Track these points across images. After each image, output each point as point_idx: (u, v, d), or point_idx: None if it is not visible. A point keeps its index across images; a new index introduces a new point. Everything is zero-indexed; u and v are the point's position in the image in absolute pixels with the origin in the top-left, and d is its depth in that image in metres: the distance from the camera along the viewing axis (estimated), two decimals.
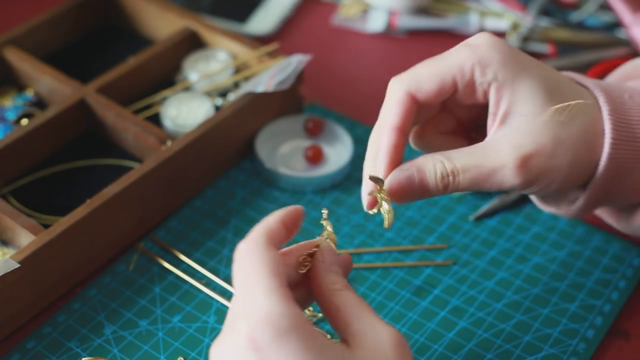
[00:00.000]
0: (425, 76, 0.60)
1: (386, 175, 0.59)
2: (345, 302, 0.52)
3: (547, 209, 0.68)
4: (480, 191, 0.71)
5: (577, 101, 0.60)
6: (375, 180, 0.59)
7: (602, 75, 0.85)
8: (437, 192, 0.59)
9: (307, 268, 0.56)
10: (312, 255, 0.56)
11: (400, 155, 0.60)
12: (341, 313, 0.52)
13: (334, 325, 0.53)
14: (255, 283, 0.49)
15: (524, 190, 0.61)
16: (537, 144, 0.58)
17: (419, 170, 0.59)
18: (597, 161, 0.61)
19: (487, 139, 0.60)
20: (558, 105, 0.59)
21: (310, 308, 0.67)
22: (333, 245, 0.57)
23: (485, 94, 0.60)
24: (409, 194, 0.59)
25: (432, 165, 0.59)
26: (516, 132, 0.58)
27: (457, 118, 0.64)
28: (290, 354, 0.47)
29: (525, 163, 0.58)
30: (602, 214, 0.70)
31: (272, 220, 0.53)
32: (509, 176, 0.58)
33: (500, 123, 0.59)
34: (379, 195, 0.59)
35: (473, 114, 0.63)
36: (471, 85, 0.59)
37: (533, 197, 0.69)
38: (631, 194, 0.63)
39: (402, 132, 0.59)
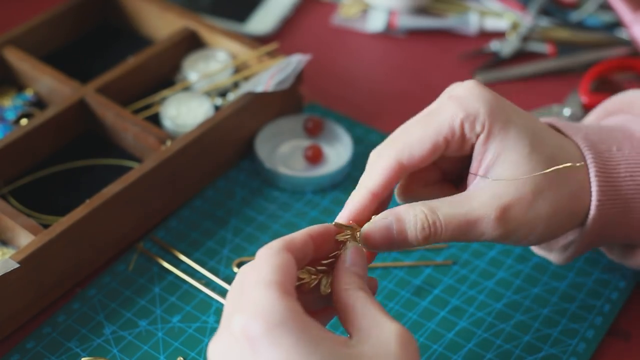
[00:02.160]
0: (415, 143, 0.58)
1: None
2: (354, 301, 0.52)
3: (538, 252, 0.69)
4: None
5: (564, 165, 0.59)
6: (340, 226, 0.57)
7: (600, 75, 0.85)
8: (416, 244, 0.57)
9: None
10: (329, 264, 0.56)
11: (367, 218, 0.58)
12: (349, 311, 0.52)
13: (343, 323, 0.53)
14: (254, 279, 0.50)
15: (502, 242, 0.59)
16: (518, 194, 0.57)
17: (398, 219, 0.57)
18: (582, 213, 0.60)
19: (470, 188, 0.59)
20: (547, 170, 0.58)
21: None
22: (361, 247, 0.56)
23: (472, 146, 0.59)
24: (385, 244, 0.57)
25: (413, 216, 0.57)
26: (498, 182, 0.58)
27: (442, 169, 0.63)
28: (282, 347, 0.47)
29: (504, 213, 0.57)
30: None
31: (298, 232, 0.54)
32: (489, 228, 0.57)
33: (484, 173, 0.58)
34: (349, 241, 0.56)
35: (458, 164, 0.62)
36: (461, 140, 0.59)
37: None
38: (619, 241, 0.64)
39: (377, 198, 0.58)
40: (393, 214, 0.57)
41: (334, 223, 0.57)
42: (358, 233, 0.57)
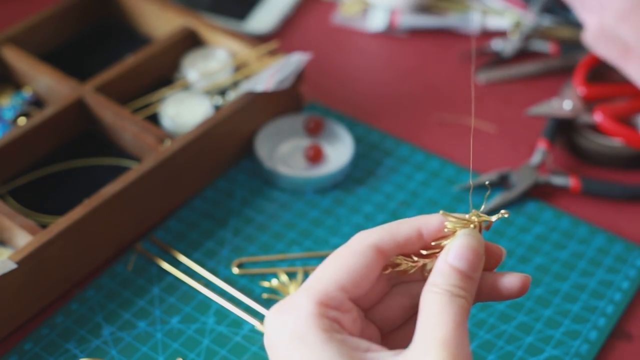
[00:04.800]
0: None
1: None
2: (429, 311, 0.46)
3: None
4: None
5: None
6: (448, 215, 0.50)
7: (593, 65, 0.84)
8: None
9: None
10: (430, 254, 0.49)
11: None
12: (420, 320, 0.46)
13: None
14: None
15: None
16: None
17: None
18: None
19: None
20: None
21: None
22: (476, 236, 0.48)
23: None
24: None
25: None
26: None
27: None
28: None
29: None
30: None
31: (405, 223, 0.49)
32: None
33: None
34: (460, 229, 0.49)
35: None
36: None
37: None
38: None
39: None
40: None
41: (440, 212, 0.50)
42: (473, 224, 0.49)
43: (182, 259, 0.72)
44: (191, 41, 0.86)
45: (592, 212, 0.76)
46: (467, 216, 0.50)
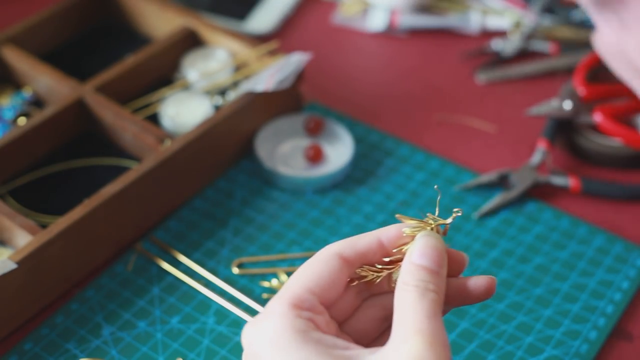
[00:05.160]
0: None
1: None
2: (403, 302, 0.48)
3: None
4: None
5: None
6: (404, 219, 0.52)
7: (593, 66, 0.84)
8: None
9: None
10: (394, 261, 0.51)
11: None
12: (397, 314, 0.48)
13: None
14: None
15: None
16: None
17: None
18: None
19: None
20: None
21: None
22: (434, 236, 0.51)
23: None
24: None
25: None
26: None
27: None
28: None
29: None
30: None
31: (365, 235, 0.51)
32: None
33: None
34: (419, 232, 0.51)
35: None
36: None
37: None
38: None
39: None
40: None
41: (397, 216, 0.52)
42: (431, 227, 0.51)
43: (182, 259, 0.72)
44: (191, 41, 0.86)
45: (592, 212, 0.76)
46: (423, 220, 0.52)
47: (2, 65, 0.83)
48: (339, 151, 0.80)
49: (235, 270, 0.71)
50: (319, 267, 0.50)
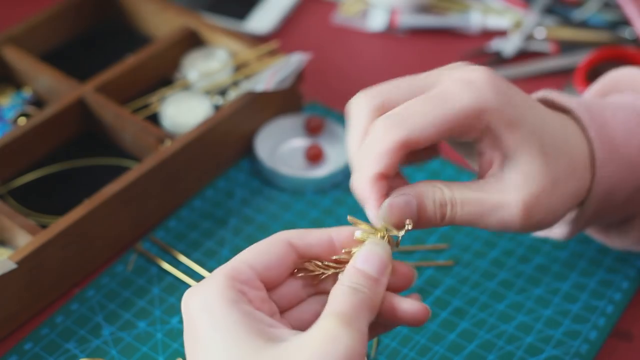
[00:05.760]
0: (425, 126, 0.55)
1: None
2: (333, 297, 0.50)
3: (539, 234, 0.67)
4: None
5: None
6: (355, 222, 0.54)
7: (593, 66, 0.85)
8: (434, 220, 0.56)
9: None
10: (341, 261, 0.53)
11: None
12: (326, 306, 0.50)
13: None
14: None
15: (523, 232, 0.58)
16: (538, 187, 0.56)
17: (418, 195, 0.55)
18: (584, 186, 0.60)
19: (487, 178, 0.58)
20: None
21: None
22: (381, 245, 0.53)
23: (482, 135, 0.57)
24: (402, 223, 0.55)
25: (432, 192, 0.56)
26: (518, 174, 0.56)
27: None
28: (205, 327, 0.49)
29: (527, 206, 0.56)
30: (592, 232, 0.69)
31: (318, 230, 0.54)
32: (513, 215, 0.56)
33: (499, 166, 0.57)
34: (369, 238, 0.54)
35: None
36: (469, 128, 0.56)
37: None
38: (620, 210, 0.63)
39: (387, 179, 0.56)
40: (414, 190, 0.55)
41: (348, 217, 0.55)
42: (381, 234, 0.54)
43: (182, 259, 0.72)
44: (191, 41, 0.86)
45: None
46: (375, 227, 0.54)
47: (2, 65, 0.83)
48: (339, 151, 0.80)
49: None
50: (264, 247, 0.52)
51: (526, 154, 0.57)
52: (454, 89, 0.56)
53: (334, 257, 0.54)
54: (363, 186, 0.56)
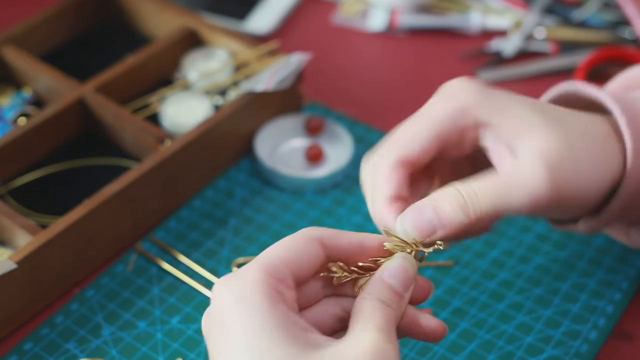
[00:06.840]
0: (414, 139, 0.57)
1: None
2: (362, 310, 0.50)
3: (562, 227, 0.65)
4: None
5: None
6: (390, 234, 0.54)
7: (593, 67, 0.84)
8: (459, 218, 0.54)
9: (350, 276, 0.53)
10: (366, 268, 0.53)
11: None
12: (352, 318, 0.50)
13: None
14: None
15: (554, 204, 0.57)
16: (556, 146, 0.56)
17: (433, 199, 0.55)
18: (614, 173, 0.59)
19: (502, 164, 0.57)
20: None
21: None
22: (410, 260, 0.53)
23: (473, 143, 0.58)
24: (427, 232, 0.54)
25: (447, 193, 0.55)
26: (529, 144, 0.56)
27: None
28: (241, 323, 0.48)
29: (553, 163, 0.55)
30: (612, 231, 0.68)
31: (350, 233, 0.53)
32: (537, 181, 0.55)
33: (509, 152, 0.57)
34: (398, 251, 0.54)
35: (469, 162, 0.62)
36: (461, 130, 0.57)
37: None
38: None
39: (402, 201, 0.56)
40: (429, 199, 0.55)
41: (383, 229, 0.55)
42: (410, 249, 0.53)
43: (182, 259, 0.72)
44: (191, 41, 0.86)
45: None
46: (406, 241, 0.54)
47: (2, 65, 0.83)
48: (339, 151, 0.80)
49: (236, 270, 0.71)
50: (298, 244, 0.51)
51: (529, 125, 0.57)
52: (431, 101, 0.59)
53: (360, 264, 0.53)
54: (380, 210, 0.56)
